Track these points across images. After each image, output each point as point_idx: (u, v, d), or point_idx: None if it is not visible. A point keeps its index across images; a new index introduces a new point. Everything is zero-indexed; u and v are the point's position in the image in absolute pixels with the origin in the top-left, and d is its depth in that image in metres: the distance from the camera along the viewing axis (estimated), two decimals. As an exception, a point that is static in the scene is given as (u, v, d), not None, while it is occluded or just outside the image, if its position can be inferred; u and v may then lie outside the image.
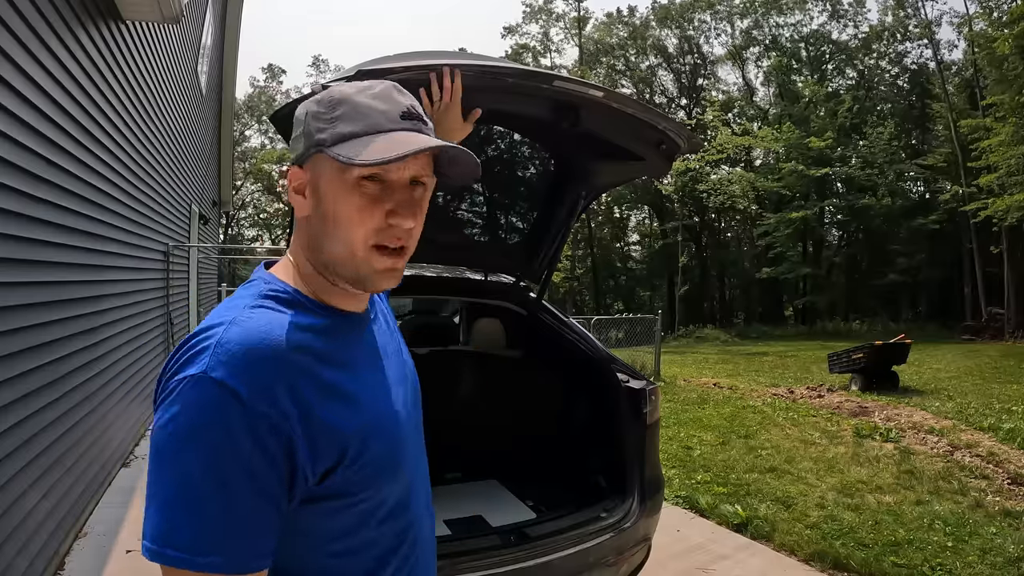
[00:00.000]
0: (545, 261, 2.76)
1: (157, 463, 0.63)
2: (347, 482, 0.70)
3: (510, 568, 1.91)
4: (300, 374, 0.67)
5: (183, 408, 0.63)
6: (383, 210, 0.72)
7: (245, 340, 0.66)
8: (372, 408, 0.75)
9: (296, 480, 0.66)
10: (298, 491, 0.67)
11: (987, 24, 20.81)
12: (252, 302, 0.72)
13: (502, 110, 1.95)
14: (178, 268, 7.08)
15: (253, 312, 0.71)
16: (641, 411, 2.35)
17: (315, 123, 0.74)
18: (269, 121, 2.10)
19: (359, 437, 0.71)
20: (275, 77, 35.31)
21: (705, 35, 32.47)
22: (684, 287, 27.64)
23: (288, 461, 0.65)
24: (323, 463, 0.68)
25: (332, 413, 0.69)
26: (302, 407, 0.66)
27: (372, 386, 0.77)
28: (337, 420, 0.69)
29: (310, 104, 0.76)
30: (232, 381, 0.63)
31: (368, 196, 0.72)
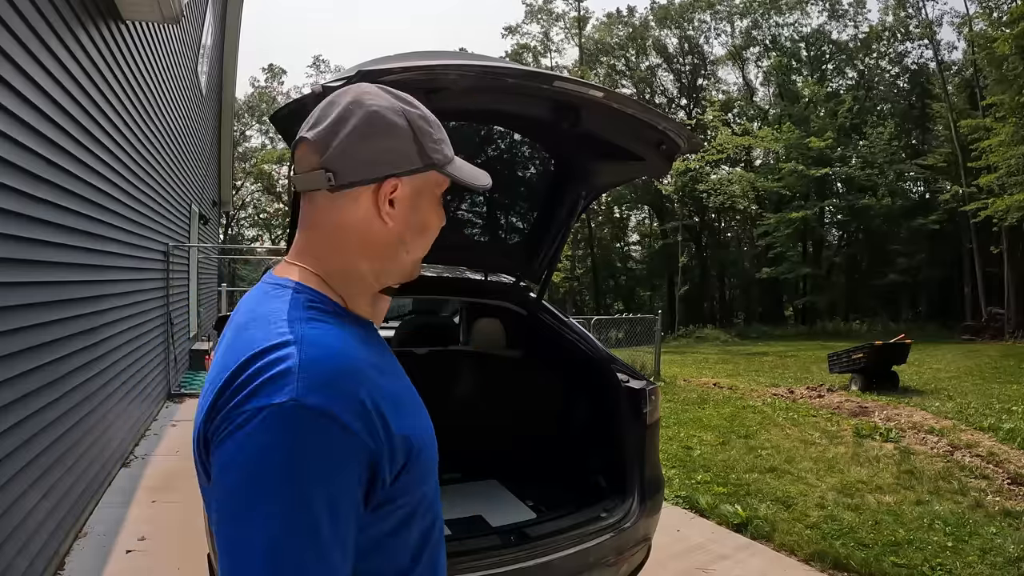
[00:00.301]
0: (545, 261, 2.76)
1: (247, 504, 0.56)
2: (401, 488, 0.67)
3: (510, 568, 1.91)
4: (375, 388, 0.64)
5: (276, 441, 0.57)
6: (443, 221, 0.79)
7: (327, 360, 0.62)
8: (419, 412, 0.74)
9: (372, 495, 0.63)
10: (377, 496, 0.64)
11: (987, 24, 20.81)
12: (304, 315, 0.67)
13: (502, 110, 1.96)
14: (178, 268, 7.08)
15: (314, 328, 0.65)
16: (641, 411, 2.35)
17: (428, 142, 0.73)
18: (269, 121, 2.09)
19: (418, 442, 0.69)
20: (276, 77, 35.34)
21: (705, 35, 32.50)
22: (684, 287, 27.65)
23: (371, 479, 0.63)
24: (393, 472, 0.65)
25: (401, 422, 0.66)
26: (383, 420, 0.63)
27: (411, 390, 0.76)
28: (405, 427, 0.67)
29: (412, 114, 0.73)
30: (330, 406, 0.59)
31: (443, 210, 0.79)
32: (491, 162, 2.45)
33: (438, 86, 1.49)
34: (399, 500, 0.67)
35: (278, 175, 34.03)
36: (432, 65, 1.40)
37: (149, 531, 3.35)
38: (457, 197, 2.60)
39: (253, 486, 0.57)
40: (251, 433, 0.57)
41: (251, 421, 0.58)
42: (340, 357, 0.63)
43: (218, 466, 0.59)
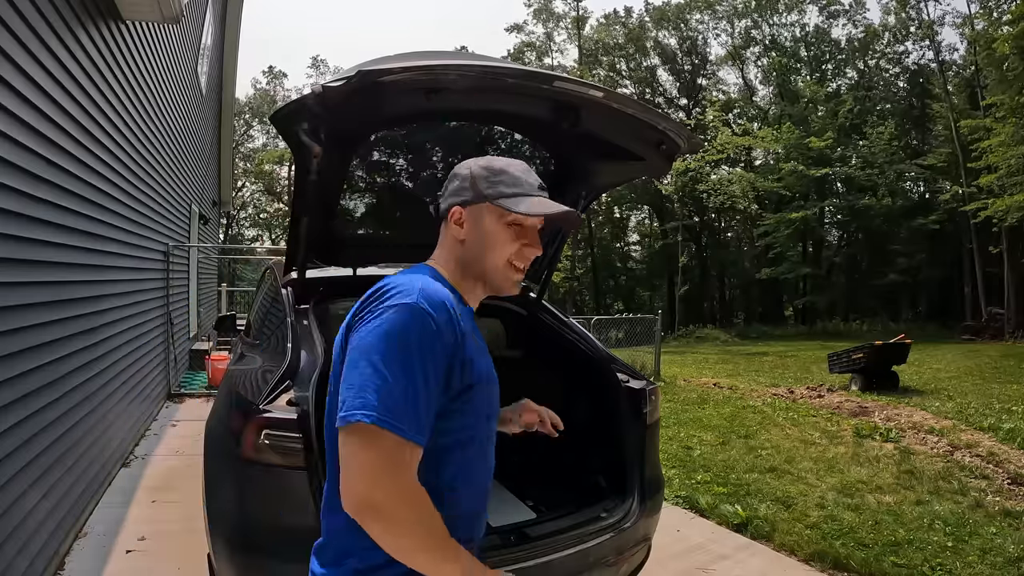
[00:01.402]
0: (545, 261, 2.76)
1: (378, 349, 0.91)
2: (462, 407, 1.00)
3: (510, 568, 1.91)
4: (460, 322, 0.99)
5: (402, 319, 0.93)
6: (521, 242, 1.10)
7: (436, 294, 0.98)
8: (483, 366, 1.05)
9: (451, 383, 0.97)
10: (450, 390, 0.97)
11: (987, 24, 20.81)
12: (430, 276, 1.06)
13: (502, 110, 1.96)
14: (178, 268, 7.09)
15: (434, 282, 1.03)
16: (641, 411, 2.35)
17: (484, 183, 1.09)
18: (269, 121, 2.09)
19: (483, 375, 1.03)
20: (276, 79, 35.37)
21: (704, 35, 32.51)
22: (684, 287, 27.64)
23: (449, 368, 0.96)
24: (461, 383, 0.98)
25: (472, 351, 1.01)
26: (462, 337, 0.98)
27: (482, 352, 1.07)
28: (474, 356, 1.01)
29: (476, 168, 1.11)
30: (432, 311, 0.95)
31: (513, 232, 1.10)
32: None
33: (438, 86, 1.49)
34: (458, 420, 1.00)
35: (279, 175, 34.03)
36: (432, 65, 1.39)
37: (149, 531, 3.35)
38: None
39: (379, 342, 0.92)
40: (389, 313, 0.94)
41: (388, 310, 0.94)
42: (445, 297, 0.99)
43: (357, 336, 0.96)
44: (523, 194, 1.08)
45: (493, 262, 1.10)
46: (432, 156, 2.30)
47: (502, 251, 1.09)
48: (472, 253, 1.11)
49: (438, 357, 0.94)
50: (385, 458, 0.87)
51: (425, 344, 0.92)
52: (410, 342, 0.91)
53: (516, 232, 1.10)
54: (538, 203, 1.08)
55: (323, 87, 1.34)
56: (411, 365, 0.90)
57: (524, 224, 1.10)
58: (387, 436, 0.87)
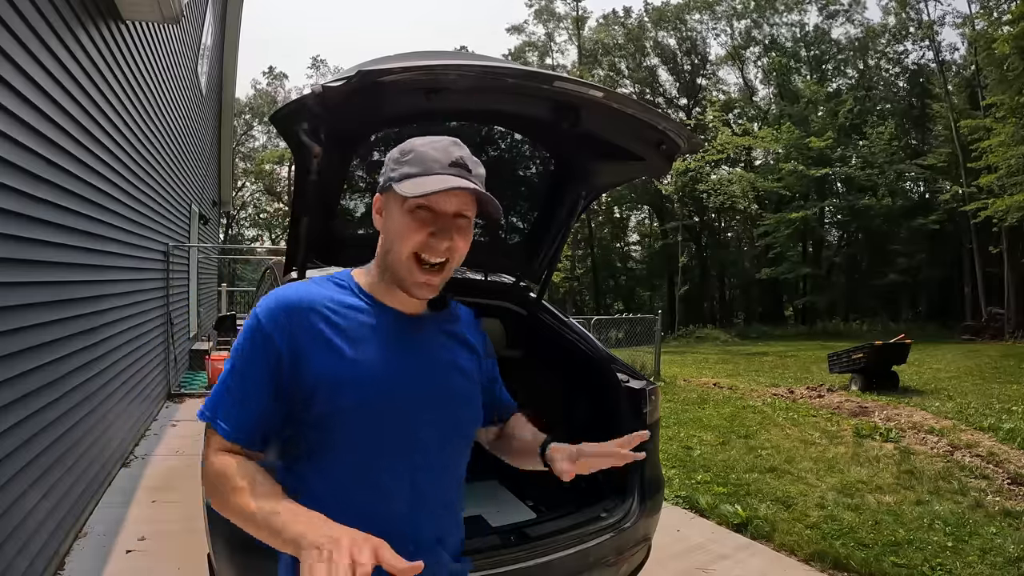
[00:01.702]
0: (545, 261, 2.76)
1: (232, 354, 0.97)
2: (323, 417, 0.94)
3: (510, 568, 1.91)
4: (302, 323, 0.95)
5: (245, 326, 0.97)
6: (427, 231, 0.96)
7: (278, 296, 0.98)
8: (359, 373, 0.95)
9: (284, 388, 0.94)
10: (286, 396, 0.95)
11: (987, 24, 20.81)
12: (315, 280, 1.04)
13: (502, 110, 1.95)
14: (178, 268, 7.08)
15: (306, 284, 1.01)
16: (641, 411, 2.35)
17: (391, 165, 0.99)
18: (269, 121, 2.09)
19: (334, 384, 0.93)
20: (277, 80, 35.38)
21: (704, 36, 32.51)
22: (684, 287, 27.64)
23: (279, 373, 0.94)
24: (301, 386, 0.94)
25: (319, 359, 0.94)
26: (297, 344, 0.94)
27: (371, 361, 0.96)
28: (321, 366, 0.94)
29: (393, 151, 1.01)
30: (262, 316, 0.96)
31: (419, 220, 0.96)
32: (491, 162, 2.45)
33: (438, 86, 1.49)
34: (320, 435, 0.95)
35: (279, 175, 34.03)
36: (432, 65, 1.39)
37: (149, 531, 3.35)
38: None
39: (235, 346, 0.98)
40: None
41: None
42: (288, 299, 0.97)
43: None
44: (426, 173, 0.95)
45: (395, 255, 0.98)
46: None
47: (403, 242, 0.97)
48: (385, 246, 1.01)
49: (259, 360, 0.94)
50: (206, 443, 0.95)
51: (247, 348, 0.95)
52: (242, 347, 0.96)
53: (423, 219, 0.96)
54: (433, 181, 0.93)
55: (323, 87, 1.34)
56: (236, 367, 0.95)
57: (433, 209, 0.96)
58: (208, 427, 0.95)
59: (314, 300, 0.98)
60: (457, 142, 1.00)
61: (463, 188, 0.93)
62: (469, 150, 1.00)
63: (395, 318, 1.02)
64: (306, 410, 0.95)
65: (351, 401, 0.94)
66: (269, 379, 0.94)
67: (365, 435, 0.95)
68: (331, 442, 0.96)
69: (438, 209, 0.96)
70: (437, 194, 0.93)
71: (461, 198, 0.97)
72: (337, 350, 0.95)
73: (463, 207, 0.97)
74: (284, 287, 1.00)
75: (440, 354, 1.06)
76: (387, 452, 0.97)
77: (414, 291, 0.99)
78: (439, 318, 1.10)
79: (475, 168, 0.99)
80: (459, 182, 0.93)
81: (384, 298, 1.03)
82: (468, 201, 0.98)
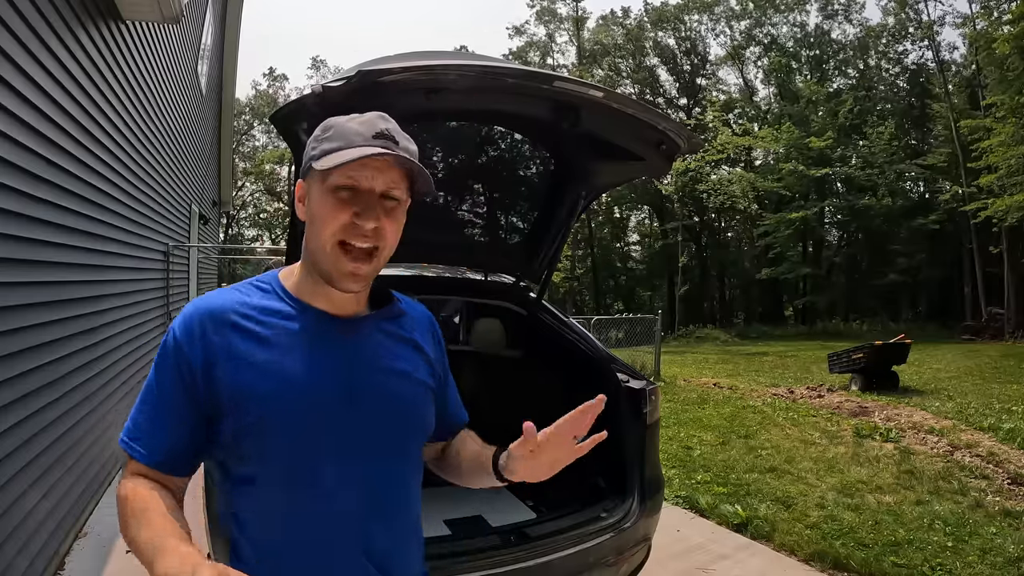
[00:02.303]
0: (545, 261, 2.76)
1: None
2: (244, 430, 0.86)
3: (510, 568, 1.91)
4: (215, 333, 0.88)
5: (162, 341, 0.92)
6: (351, 212, 0.86)
7: (194, 307, 0.92)
8: (278, 383, 0.87)
9: (200, 402, 0.88)
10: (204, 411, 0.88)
11: (987, 24, 20.81)
12: (239, 285, 0.96)
13: (502, 110, 1.96)
14: (178, 268, 7.08)
15: (224, 290, 0.95)
16: (641, 411, 2.35)
17: (311, 144, 0.90)
18: (269, 121, 2.10)
19: (248, 396, 0.86)
20: (277, 82, 35.42)
21: (703, 36, 32.51)
22: (684, 287, 27.64)
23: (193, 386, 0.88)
24: (215, 400, 0.87)
25: (230, 371, 0.87)
26: (209, 355, 0.87)
27: (291, 369, 0.88)
28: (232, 378, 0.87)
29: (315, 131, 0.92)
30: (176, 328, 0.90)
31: (341, 200, 0.87)
32: (491, 162, 2.45)
33: (438, 86, 1.49)
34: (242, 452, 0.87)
35: (279, 175, 34.03)
36: (432, 65, 1.39)
37: (149, 531, 3.34)
38: (457, 198, 2.60)
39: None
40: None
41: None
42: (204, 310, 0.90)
43: None
44: (347, 147, 0.85)
45: (318, 243, 0.88)
46: (432, 156, 2.30)
47: (325, 226, 0.86)
48: (307, 237, 0.91)
49: (171, 375, 0.88)
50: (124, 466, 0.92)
51: (160, 363, 0.90)
52: (156, 362, 0.91)
53: (344, 199, 0.86)
54: (353, 152, 0.84)
55: (323, 87, 1.34)
56: (150, 384, 0.91)
57: (357, 187, 0.86)
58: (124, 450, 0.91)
59: (230, 307, 0.90)
60: (384, 116, 0.91)
61: (383, 154, 0.84)
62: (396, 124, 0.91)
63: (322, 320, 0.93)
64: (224, 424, 0.87)
65: (269, 412, 0.86)
66: (184, 394, 0.87)
67: (293, 447, 0.87)
68: (261, 454, 0.87)
69: (362, 186, 0.86)
70: (358, 167, 0.84)
71: (387, 175, 0.87)
72: (252, 360, 0.87)
73: (390, 185, 0.87)
74: (202, 296, 0.94)
75: (375, 356, 0.95)
76: (323, 460, 0.88)
77: (341, 283, 0.88)
78: (378, 318, 0.99)
79: (403, 142, 0.89)
80: (380, 150, 0.85)
81: (311, 299, 0.93)
82: (396, 178, 0.88)
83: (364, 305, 0.99)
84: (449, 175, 2.47)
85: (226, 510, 0.92)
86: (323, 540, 0.88)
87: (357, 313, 0.97)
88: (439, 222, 2.64)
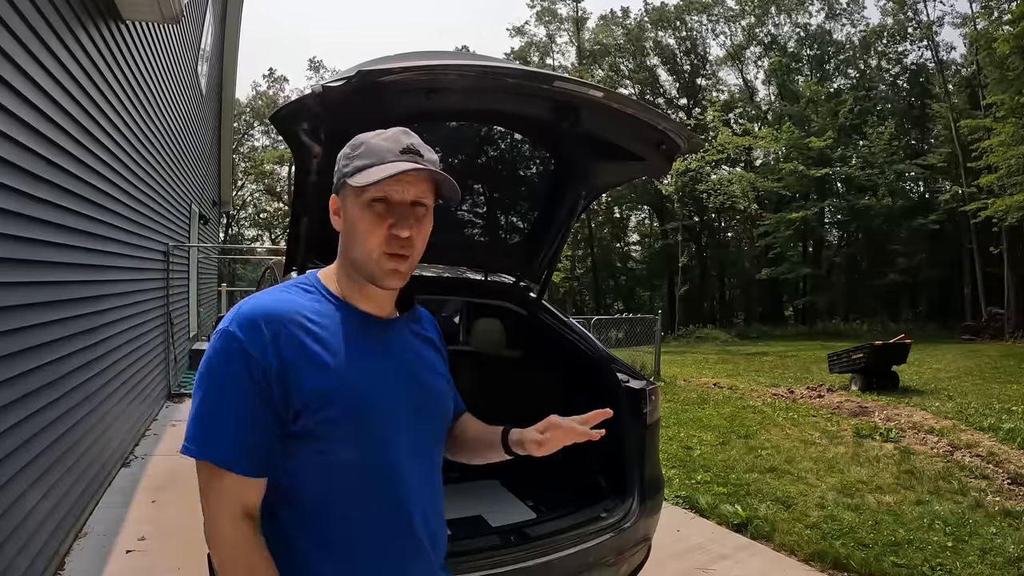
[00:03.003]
0: (545, 261, 2.76)
1: (201, 382, 0.91)
2: (313, 429, 0.90)
3: (510, 568, 1.91)
4: (283, 335, 0.90)
5: (215, 347, 0.90)
6: (387, 223, 0.94)
7: (252, 310, 0.92)
8: (344, 382, 0.92)
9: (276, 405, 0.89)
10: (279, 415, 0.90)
11: (988, 24, 20.81)
12: (284, 287, 0.99)
13: (502, 110, 1.95)
14: (178, 268, 7.08)
15: (275, 293, 0.97)
16: (641, 411, 2.35)
17: (343, 161, 0.98)
18: (269, 121, 2.10)
19: (323, 397, 0.90)
20: (277, 83, 35.43)
21: (704, 36, 32.51)
22: (684, 287, 27.64)
23: (268, 390, 0.88)
24: (293, 405, 0.90)
25: (304, 372, 0.90)
26: (284, 360, 0.89)
27: (353, 368, 0.94)
28: (306, 378, 0.90)
29: (344, 148, 0.99)
30: (240, 332, 0.90)
31: (377, 213, 0.94)
32: (491, 162, 2.45)
33: (438, 86, 1.49)
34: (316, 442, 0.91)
35: (279, 175, 34.03)
36: (432, 65, 1.39)
37: (149, 531, 3.35)
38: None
39: (203, 373, 0.91)
40: (209, 345, 0.93)
41: (212, 339, 0.93)
42: (267, 311, 0.92)
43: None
44: (379, 163, 0.94)
45: (362, 252, 0.96)
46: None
47: (367, 238, 0.95)
48: (346, 245, 0.99)
49: (245, 380, 0.88)
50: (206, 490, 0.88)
51: (233, 368, 0.88)
52: (220, 369, 0.89)
53: (380, 213, 0.95)
54: (386, 168, 0.92)
55: (323, 87, 1.34)
56: (224, 392, 0.88)
57: (390, 199, 0.94)
58: (204, 467, 0.88)
59: (291, 309, 0.93)
60: (407, 131, 0.99)
61: (416, 169, 0.93)
62: (420, 138, 0.99)
63: (368, 322, 1.00)
64: (295, 424, 0.91)
65: (340, 412, 0.91)
66: (259, 397, 0.88)
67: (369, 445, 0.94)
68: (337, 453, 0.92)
69: (395, 199, 0.94)
70: (392, 182, 0.92)
71: (417, 186, 0.96)
72: (322, 361, 0.91)
73: (420, 195, 0.96)
74: (253, 298, 0.95)
75: (415, 354, 1.06)
76: (397, 457, 0.96)
77: (385, 281, 0.97)
78: (408, 319, 1.10)
79: (427, 154, 0.97)
80: (412, 166, 0.93)
81: (356, 301, 1.01)
82: (425, 188, 0.97)
83: (393, 307, 1.07)
84: (449, 175, 2.47)
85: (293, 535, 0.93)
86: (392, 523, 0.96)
87: (391, 315, 1.06)
88: (439, 222, 2.63)
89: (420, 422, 1.01)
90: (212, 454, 0.87)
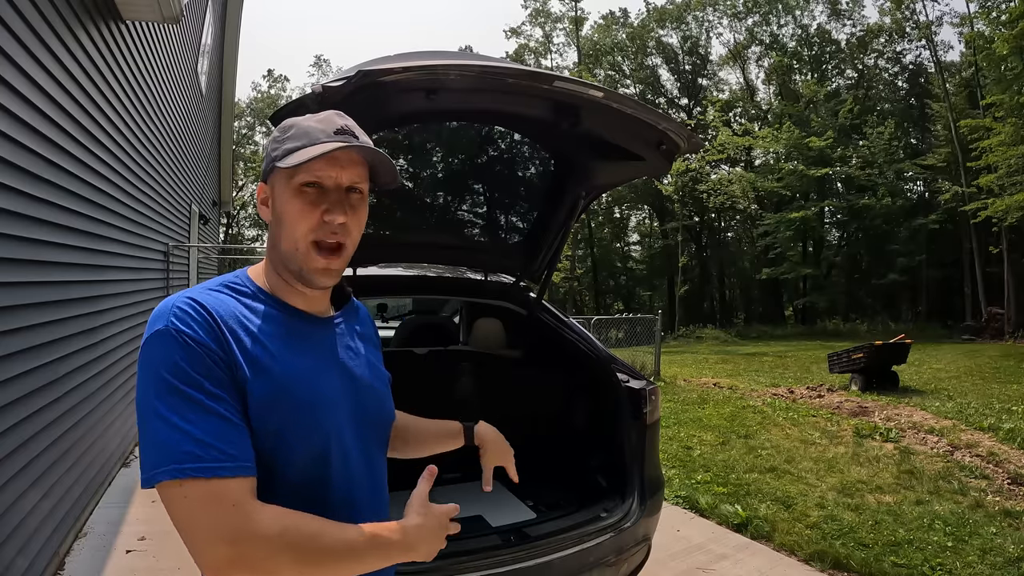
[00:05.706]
0: (545, 261, 2.76)
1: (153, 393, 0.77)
2: (264, 415, 0.82)
3: (510, 568, 1.91)
4: (226, 334, 0.82)
5: (159, 350, 0.79)
6: (319, 210, 0.87)
7: (187, 303, 0.82)
8: (285, 389, 0.84)
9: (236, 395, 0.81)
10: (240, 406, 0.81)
11: (986, 24, 20.82)
12: (212, 287, 0.89)
13: (502, 110, 1.95)
14: (178, 268, 7.08)
15: (209, 293, 0.86)
16: (641, 411, 2.35)
17: (272, 144, 0.90)
18: (269, 121, 2.10)
19: (265, 405, 0.82)
20: (277, 83, 35.44)
21: (705, 35, 32.50)
22: (684, 287, 27.64)
23: (232, 381, 0.81)
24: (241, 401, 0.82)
25: (248, 376, 0.82)
26: (229, 356, 0.81)
27: (292, 373, 0.86)
28: (251, 385, 0.82)
29: (274, 131, 0.92)
30: (183, 326, 0.80)
31: (308, 199, 0.87)
32: (491, 162, 2.45)
33: (438, 86, 1.49)
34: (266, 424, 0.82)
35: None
36: (432, 65, 1.39)
37: (149, 531, 3.35)
38: (457, 198, 2.60)
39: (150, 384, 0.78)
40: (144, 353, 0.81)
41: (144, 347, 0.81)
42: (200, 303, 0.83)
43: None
44: (310, 144, 0.86)
45: (289, 243, 0.88)
46: (432, 156, 2.30)
47: (296, 225, 0.87)
48: (274, 237, 0.91)
49: (213, 371, 0.79)
50: (211, 505, 0.73)
51: (195, 364, 0.78)
52: (179, 370, 0.77)
53: (312, 198, 0.86)
54: (318, 148, 0.85)
55: (323, 87, 1.34)
56: (184, 392, 0.76)
57: (322, 183, 0.86)
58: (200, 483, 0.73)
59: (229, 308, 0.85)
60: (340, 113, 0.93)
61: (350, 146, 0.85)
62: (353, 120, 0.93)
63: (305, 321, 0.93)
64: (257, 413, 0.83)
65: (280, 422, 0.83)
66: (229, 388, 0.80)
67: (311, 450, 0.86)
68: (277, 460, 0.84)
69: (328, 183, 0.87)
70: (325, 165, 0.85)
71: (352, 169, 0.88)
72: (263, 365, 0.83)
73: (355, 179, 0.89)
74: (187, 293, 0.85)
75: (355, 354, 0.99)
76: (337, 461, 0.88)
77: (315, 279, 0.89)
78: (347, 316, 1.02)
79: (362, 135, 0.91)
80: (346, 144, 0.86)
81: (290, 299, 0.92)
82: (360, 172, 0.90)
83: (330, 304, 1.01)
84: (449, 175, 2.47)
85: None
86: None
87: (326, 311, 0.99)
88: (440, 222, 2.64)
89: (363, 429, 0.94)
90: (212, 463, 0.75)
